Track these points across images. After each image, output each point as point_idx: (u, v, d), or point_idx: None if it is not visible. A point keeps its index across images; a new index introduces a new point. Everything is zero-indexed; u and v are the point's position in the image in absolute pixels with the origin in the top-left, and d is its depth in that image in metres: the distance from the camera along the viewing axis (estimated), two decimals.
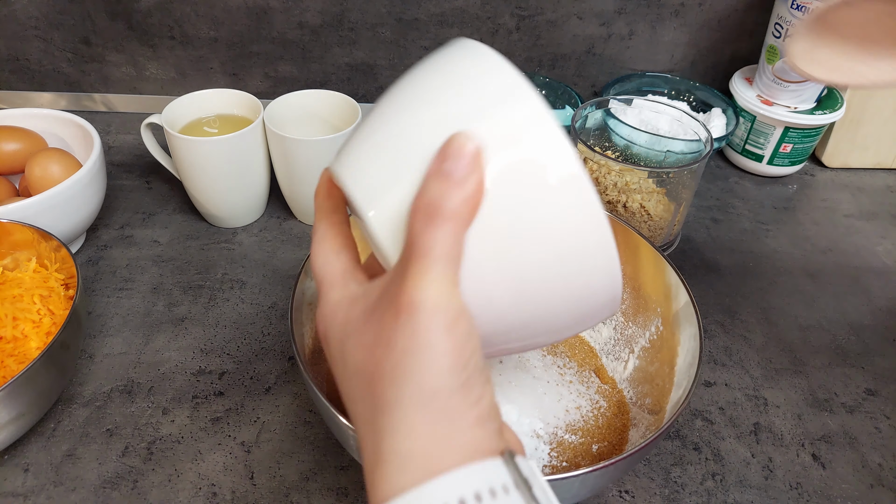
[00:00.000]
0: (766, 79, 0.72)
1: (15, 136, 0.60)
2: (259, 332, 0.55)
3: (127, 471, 0.44)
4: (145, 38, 0.75)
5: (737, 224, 0.69)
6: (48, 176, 0.56)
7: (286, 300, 0.58)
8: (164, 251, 0.62)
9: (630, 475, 0.46)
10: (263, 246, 0.63)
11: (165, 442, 0.46)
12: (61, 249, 0.49)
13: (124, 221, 0.65)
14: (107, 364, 0.52)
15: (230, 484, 0.44)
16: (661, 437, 0.36)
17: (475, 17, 0.74)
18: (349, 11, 0.73)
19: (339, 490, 0.44)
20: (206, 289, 0.58)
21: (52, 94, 0.80)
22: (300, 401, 0.49)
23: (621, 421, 0.46)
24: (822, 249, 0.67)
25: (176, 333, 0.54)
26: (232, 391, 0.50)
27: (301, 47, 0.76)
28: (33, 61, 0.77)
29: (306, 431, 0.47)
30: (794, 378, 0.54)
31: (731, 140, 0.77)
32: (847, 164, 0.78)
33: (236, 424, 0.48)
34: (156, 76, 0.79)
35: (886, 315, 0.60)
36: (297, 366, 0.51)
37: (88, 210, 0.58)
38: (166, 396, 0.49)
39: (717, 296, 0.61)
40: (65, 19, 0.74)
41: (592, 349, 0.52)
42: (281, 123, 0.60)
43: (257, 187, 0.64)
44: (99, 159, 0.57)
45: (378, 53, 0.77)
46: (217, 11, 0.73)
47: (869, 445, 0.49)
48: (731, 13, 0.76)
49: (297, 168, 0.60)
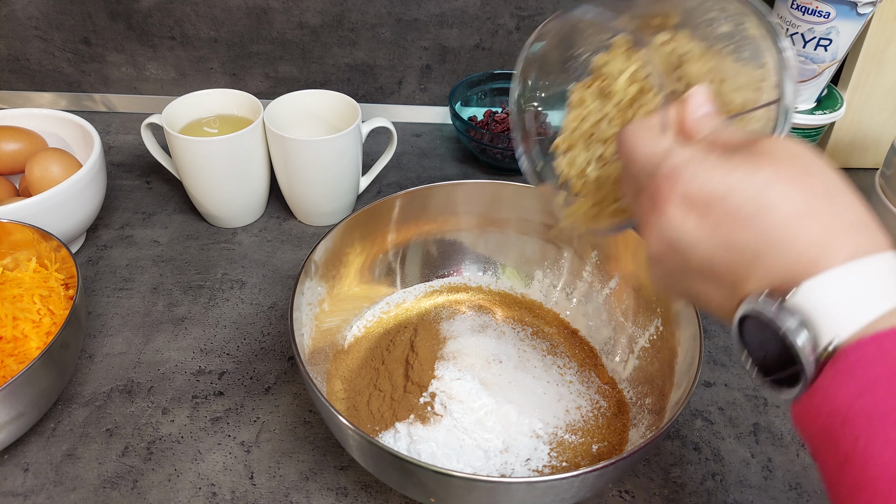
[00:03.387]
0: None
1: (15, 136, 0.60)
2: (259, 332, 0.55)
3: (127, 471, 0.45)
4: (145, 38, 0.75)
5: None
6: (48, 176, 0.56)
7: (286, 300, 0.58)
8: (164, 251, 0.62)
9: (630, 475, 0.46)
10: (263, 246, 0.63)
11: (165, 442, 0.46)
12: (61, 249, 0.49)
13: (124, 221, 0.65)
14: (107, 364, 0.52)
15: (230, 484, 0.44)
16: (661, 437, 0.36)
17: (475, 17, 0.74)
18: (349, 11, 0.73)
19: (339, 490, 0.44)
20: (206, 289, 0.58)
21: (52, 94, 0.80)
22: (300, 401, 0.49)
23: (621, 421, 0.46)
24: None
25: (176, 333, 0.54)
26: (232, 391, 0.50)
27: (301, 47, 0.76)
28: (33, 61, 0.77)
29: (306, 431, 0.47)
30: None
31: None
32: (847, 164, 0.78)
33: (236, 424, 0.48)
34: (156, 76, 0.79)
35: None
36: (297, 366, 0.51)
37: (88, 210, 0.58)
38: (166, 396, 0.49)
39: None
40: (65, 19, 0.74)
41: (593, 349, 0.52)
42: (281, 123, 0.60)
43: (257, 187, 0.64)
44: (99, 159, 0.57)
45: (378, 53, 0.77)
46: (217, 11, 0.73)
47: None
48: None
49: (297, 168, 0.60)
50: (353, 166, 0.63)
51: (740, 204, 0.26)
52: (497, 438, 0.43)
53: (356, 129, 0.60)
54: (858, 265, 0.24)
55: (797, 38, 0.67)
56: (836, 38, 0.65)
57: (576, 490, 0.36)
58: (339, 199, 0.64)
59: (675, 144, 0.30)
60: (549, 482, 0.34)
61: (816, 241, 0.25)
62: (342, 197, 0.65)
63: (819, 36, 0.66)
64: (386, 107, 0.81)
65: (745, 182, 0.26)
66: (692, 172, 0.28)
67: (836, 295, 0.24)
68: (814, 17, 0.65)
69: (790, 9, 0.66)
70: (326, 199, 0.64)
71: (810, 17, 0.65)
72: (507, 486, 0.34)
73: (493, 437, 0.43)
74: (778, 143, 0.28)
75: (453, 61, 0.78)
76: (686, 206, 0.28)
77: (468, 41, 0.76)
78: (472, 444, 0.43)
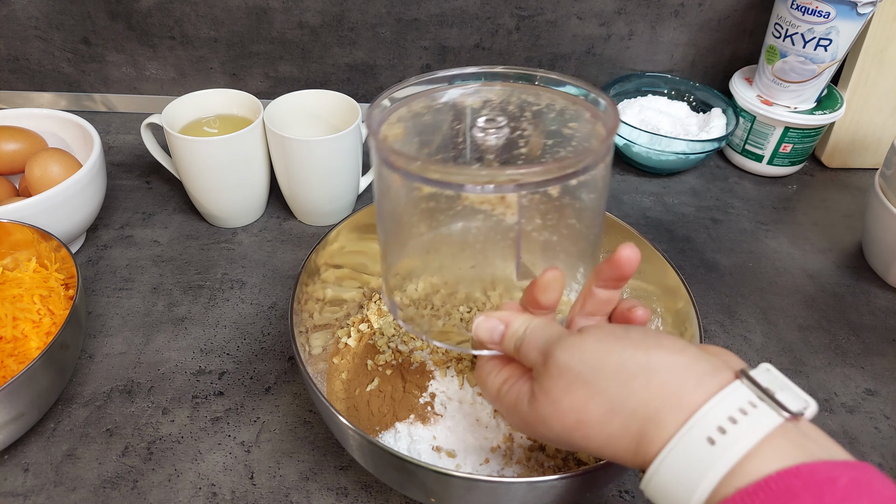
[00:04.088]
0: (766, 79, 0.72)
1: (15, 136, 0.60)
2: (259, 332, 0.55)
3: (127, 471, 0.45)
4: (145, 38, 0.75)
5: (737, 224, 0.69)
6: (48, 176, 0.56)
7: (286, 300, 0.58)
8: (164, 251, 0.62)
9: (630, 475, 0.46)
10: (263, 246, 0.63)
11: (165, 442, 0.46)
12: (61, 249, 0.49)
13: (124, 221, 0.65)
14: (107, 364, 0.52)
15: (230, 484, 0.44)
16: None
17: (475, 17, 0.74)
18: (349, 11, 0.73)
19: (339, 490, 0.44)
20: (206, 289, 0.58)
21: (52, 94, 0.80)
22: (300, 401, 0.49)
23: None
24: (822, 249, 0.67)
25: (176, 333, 0.54)
26: (232, 391, 0.50)
27: (301, 47, 0.76)
28: (33, 61, 0.77)
29: (306, 431, 0.47)
30: (794, 378, 0.53)
31: (730, 140, 0.77)
32: (847, 164, 0.78)
33: (236, 424, 0.48)
34: (156, 76, 0.79)
35: (886, 315, 0.60)
36: (297, 366, 0.51)
37: (88, 210, 0.58)
38: (166, 396, 0.49)
39: (717, 296, 0.61)
40: (65, 19, 0.74)
41: None
42: (281, 123, 0.60)
43: (257, 187, 0.64)
44: (99, 159, 0.57)
45: (378, 53, 0.77)
46: (217, 11, 0.73)
47: (869, 445, 0.49)
48: (731, 13, 0.76)
49: (297, 168, 0.60)
50: (353, 166, 0.63)
51: (560, 441, 0.30)
52: (497, 438, 0.43)
53: (356, 129, 0.60)
54: (672, 445, 0.26)
55: (797, 38, 0.67)
56: (836, 38, 0.65)
57: (576, 490, 0.36)
58: (339, 199, 0.64)
59: (499, 389, 0.34)
60: (550, 482, 0.34)
61: (633, 448, 0.27)
62: (342, 197, 0.65)
63: (819, 36, 0.66)
64: None
65: (551, 432, 0.30)
66: (512, 424, 0.34)
67: (666, 486, 0.26)
68: (814, 17, 0.65)
69: (790, 9, 0.66)
70: (326, 199, 0.64)
71: (810, 17, 0.65)
72: (507, 486, 0.34)
73: (494, 437, 0.43)
74: (564, 365, 0.29)
75: (453, 61, 0.78)
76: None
77: (468, 41, 0.76)
78: (472, 444, 0.43)
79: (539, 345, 0.31)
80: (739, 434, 0.24)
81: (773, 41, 0.70)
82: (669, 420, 0.26)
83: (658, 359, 0.27)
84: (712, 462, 0.24)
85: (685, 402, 0.26)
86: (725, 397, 0.26)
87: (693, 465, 0.25)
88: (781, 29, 0.68)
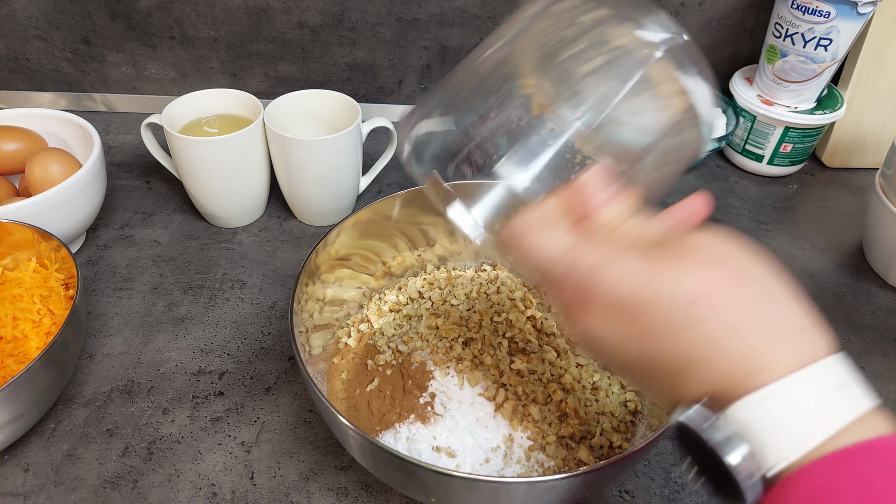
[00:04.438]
0: (767, 78, 0.72)
1: (15, 136, 0.60)
2: (259, 332, 0.55)
3: (127, 471, 0.45)
4: (145, 38, 0.75)
5: (737, 224, 0.69)
6: (48, 176, 0.56)
7: (286, 300, 0.58)
8: (164, 251, 0.62)
9: (630, 475, 0.46)
10: (263, 246, 0.63)
11: (165, 442, 0.46)
12: (61, 249, 0.49)
13: (124, 221, 0.65)
14: (107, 364, 0.52)
15: (230, 484, 0.44)
16: (661, 437, 0.36)
17: (475, 16, 0.74)
18: (349, 11, 0.73)
19: (339, 490, 0.44)
20: (206, 289, 0.58)
21: (52, 94, 0.80)
22: (300, 401, 0.49)
23: None
24: (823, 249, 0.67)
25: (176, 333, 0.54)
26: (232, 391, 0.50)
27: (301, 47, 0.76)
28: (33, 61, 0.77)
29: (306, 431, 0.47)
30: None
31: (731, 140, 0.77)
32: (847, 164, 0.78)
33: (236, 424, 0.48)
34: (156, 76, 0.79)
35: (887, 315, 0.60)
36: (297, 366, 0.51)
37: (88, 210, 0.58)
38: (166, 396, 0.49)
39: None
40: (65, 19, 0.74)
41: None
42: (281, 123, 0.60)
43: (257, 187, 0.64)
44: (99, 159, 0.57)
45: (378, 53, 0.77)
46: (217, 11, 0.73)
47: None
48: (731, 13, 0.76)
49: (297, 168, 0.60)
50: (353, 166, 0.63)
51: (669, 315, 0.25)
52: (497, 438, 0.43)
53: (356, 129, 0.60)
54: (797, 378, 0.24)
55: (797, 38, 0.67)
56: (836, 37, 0.65)
57: (576, 490, 0.36)
58: (339, 199, 0.64)
59: (580, 241, 0.28)
60: (550, 482, 0.34)
61: (751, 354, 0.24)
62: (342, 197, 0.65)
63: (819, 36, 0.66)
64: (386, 107, 0.81)
65: (673, 289, 0.25)
66: (614, 277, 0.26)
67: (775, 415, 0.24)
68: (814, 16, 0.65)
69: (790, 9, 0.66)
70: (326, 199, 0.64)
71: (810, 16, 0.65)
72: (507, 486, 0.34)
73: (494, 437, 0.43)
74: (706, 241, 0.26)
75: (454, 61, 0.78)
76: (610, 312, 0.26)
77: (468, 40, 0.76)
78: (472, 444, 0.43)
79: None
80: (860, 393, 0.25)
81: (774, 41, 0.70)
82: (791, 353, 0.24)
83: (794, 295, 0.26)
84: (846, 406, 0.24)
85: (809, 348, 0.25)
86: (840, 360, 0.25)
87: (820, 404, 0.24)
88: (782, 28, 0.68)
